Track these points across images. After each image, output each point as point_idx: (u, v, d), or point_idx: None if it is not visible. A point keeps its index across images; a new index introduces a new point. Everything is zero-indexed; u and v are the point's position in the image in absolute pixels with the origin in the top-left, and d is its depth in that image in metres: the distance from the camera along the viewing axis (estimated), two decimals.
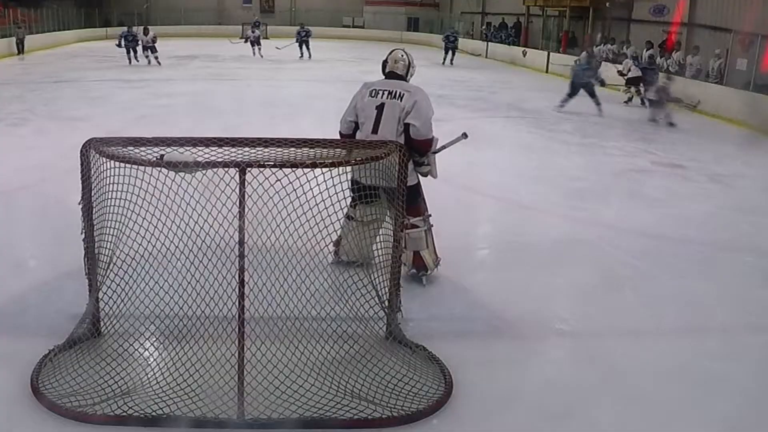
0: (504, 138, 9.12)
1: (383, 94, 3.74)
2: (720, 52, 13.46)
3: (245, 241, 2.58)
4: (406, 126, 3.68)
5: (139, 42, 17.65)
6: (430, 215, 3.93)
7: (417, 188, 3.82)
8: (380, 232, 3.52)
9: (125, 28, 18.17)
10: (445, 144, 3.85)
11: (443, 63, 20.30)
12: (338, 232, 3.54)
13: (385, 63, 3.96)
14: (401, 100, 3.69)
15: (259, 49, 20.76)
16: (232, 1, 32.64)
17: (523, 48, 21.94)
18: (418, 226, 3.81)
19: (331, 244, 3.56)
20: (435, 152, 3.82)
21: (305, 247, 2.91)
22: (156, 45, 17.71)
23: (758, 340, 3.56)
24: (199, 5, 31.02)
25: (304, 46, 20.69)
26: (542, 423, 2.73)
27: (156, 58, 17.55)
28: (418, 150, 3.72)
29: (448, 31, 22.17)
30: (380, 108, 3.71)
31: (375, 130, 3.69)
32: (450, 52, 20.56)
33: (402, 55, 3.91)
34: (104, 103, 11.10)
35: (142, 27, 18.53)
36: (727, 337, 3.57)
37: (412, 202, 3.63)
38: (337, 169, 2.80)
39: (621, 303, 3.93)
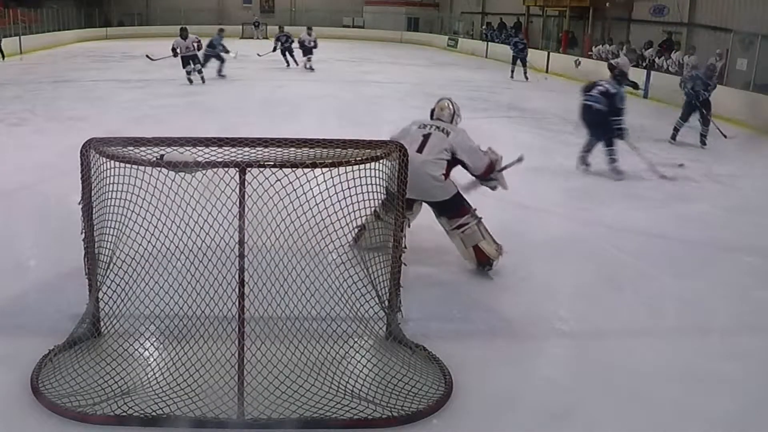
0: (504, 138, 9.05)
1: (431, 127, 4.20)
2: (720, 51, 13.45)
3: (245, 241, 2.58)
4: (459, 161, 4.10)
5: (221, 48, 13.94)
6: (475, 209, 4.16)
7: (458, 195, 4.14)
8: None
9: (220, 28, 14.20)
10: (505, 165, 4.35)
11: (511, 76, 16.69)
12: (364, 220, 3.53)
13: (432, 111, 4.41)
14: (447, 135, 4.13)
15: (293, 58, 17.54)
16: (232, 1, 32.65)
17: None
18: (468, 223, 4.07)
19: (355, 228, 3.57)
20: (499, 170, 4.30)
21: (305, 247, 2.91)
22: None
23: (758, 340, 3.56)
24: (199, 5, 31.00)
25: (287, 54, 17.73)
26: (542, 423, 2.73)
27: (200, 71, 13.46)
28: (482, 176, 4.24)
29: (515, 37, 17.68)
30: (427, 136, 4.12)
31: (420, 150, 4.02)
32: (520, 63, 16.64)
33: (448, 104, 4.40)
34: (104, 103, 11.09)
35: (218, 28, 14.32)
36: (727, 337, 3.58)
37: (459, 206, 4.10)
38: (337, 169, 2.81)
39: (621, 303, 3.94)
